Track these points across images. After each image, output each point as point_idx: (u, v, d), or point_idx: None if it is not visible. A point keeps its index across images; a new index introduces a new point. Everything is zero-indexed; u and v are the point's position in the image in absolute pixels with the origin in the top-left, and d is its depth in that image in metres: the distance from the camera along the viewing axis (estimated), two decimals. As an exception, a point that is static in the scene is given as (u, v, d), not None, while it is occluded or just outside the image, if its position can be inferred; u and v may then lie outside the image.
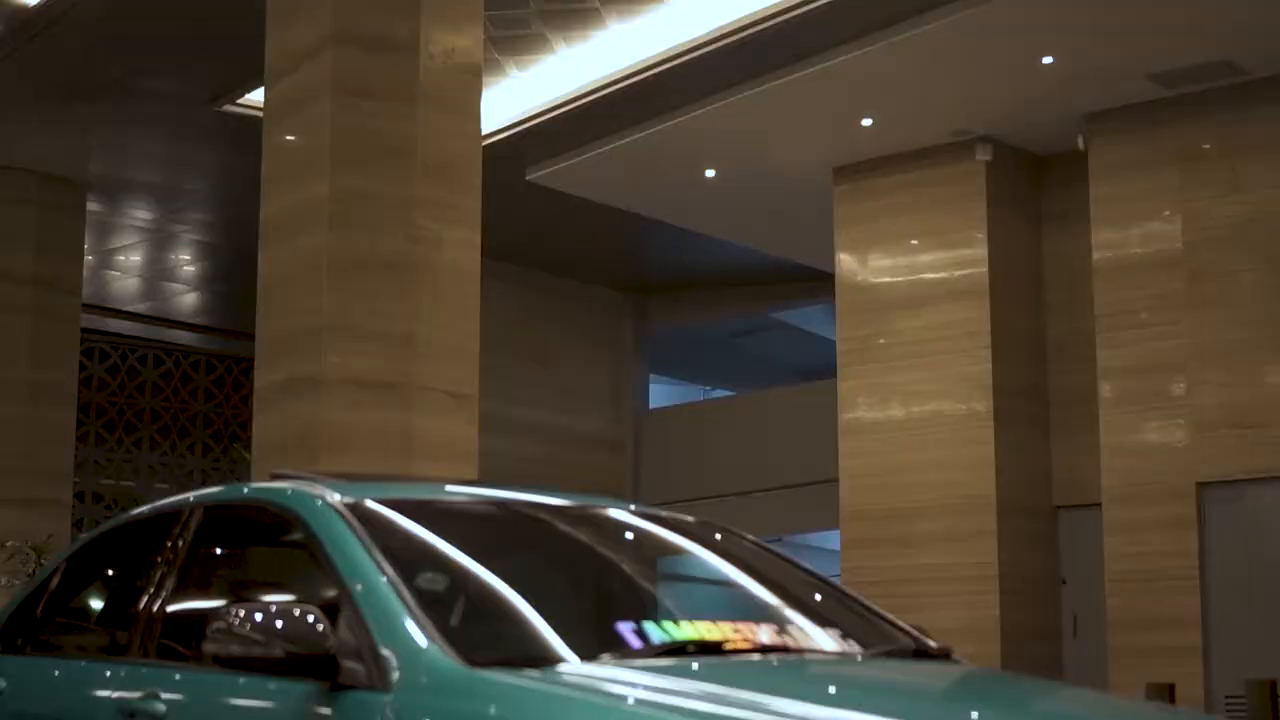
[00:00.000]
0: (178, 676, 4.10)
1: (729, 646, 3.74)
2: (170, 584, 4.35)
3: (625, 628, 3.76)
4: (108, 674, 4.34)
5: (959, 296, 16.64)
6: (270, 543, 4.55)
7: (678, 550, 4.49)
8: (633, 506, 4.69)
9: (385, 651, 3.46)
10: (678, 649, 3.66)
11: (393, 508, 4.08)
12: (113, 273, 24.05)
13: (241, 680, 3.73)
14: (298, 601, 3.63)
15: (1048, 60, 14.72)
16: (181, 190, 19.75)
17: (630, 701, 3.19)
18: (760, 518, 21.23)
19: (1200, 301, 15.01)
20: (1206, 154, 15.07)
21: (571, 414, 23.02)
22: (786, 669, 3.69)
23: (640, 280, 23.79)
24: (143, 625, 4.36)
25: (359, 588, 3.64)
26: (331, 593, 3.73)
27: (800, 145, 16.93)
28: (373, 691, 3.41)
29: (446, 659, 3.40)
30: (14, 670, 4.83)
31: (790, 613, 4.15)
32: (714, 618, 3.94)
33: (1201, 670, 14.30)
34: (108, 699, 4.23)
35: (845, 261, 17.52)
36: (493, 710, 3.23)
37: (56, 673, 4.73)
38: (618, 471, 23.71)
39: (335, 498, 4.07)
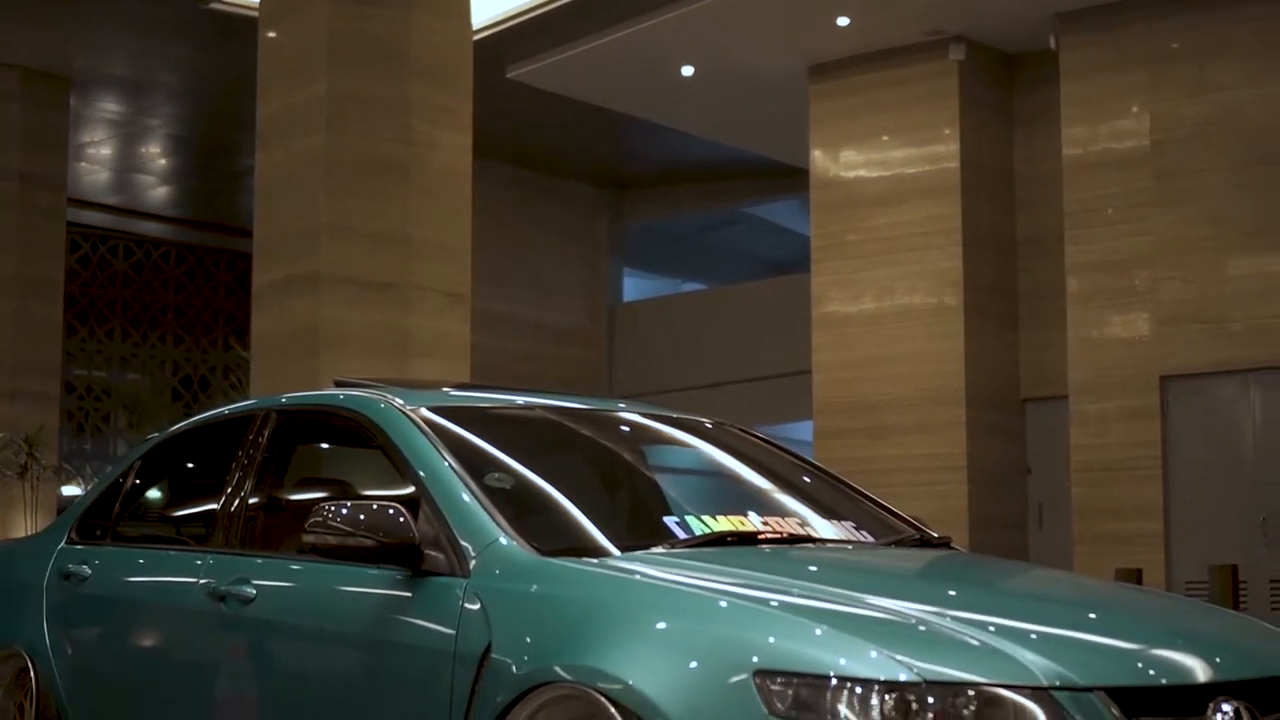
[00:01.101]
0: (265, 564, 4.52)
1: (761, 537, 4.21)
2: (249, 482, 4.75)
3: (670, 521, 4.23)
4: (196, 561, 4.76)
5: (931, 194, 17.03)
6: (343, 445, 4.98)
7: (710, 452, 4.92)
8: (670, 413, 5.12)
9: (464, 543, 3.90)
10: (717, 539, 4.11)
11: (454, 414, 4.50)
12: (84, 165, 24.18)
13: (328, 567, 4.16)
14: (385, 498, 4.05)
15: (1021, -38, 15.03)
16: (155, 84, 19.88)
17: (681, 582, 3.64)
18: (733, 409, 21.70)
19: (1167, 200, 15.43)
20: (1175, 54, 15.44)
21: (547, 308, 23.39)
22: (811, 556, 4.15)
23: (616, 176, 24.09)
24: (224, 519, 4.76)
25: (436, 487, 4.07)
26: (407, 490, 4.15)
27: (777, 44, 17.21)
28: (453, 577, 3.86)
29: (518, 548, 3.86)
30: (98, 558, 5.22)
31: (811, 508, 4.60)
32: (744, 512, 4.41)
33: (1163, 557, 14.90)
34: (196, 584, 4.64)
35: (819, 159, 17.87)
36: (562, 591, 3.68)
37: (142, 561, 5.13)
38: (593, 364, 24.15)
39: (405, 405, 4.48)
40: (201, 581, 4.62)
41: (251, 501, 4.75)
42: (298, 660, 4.26)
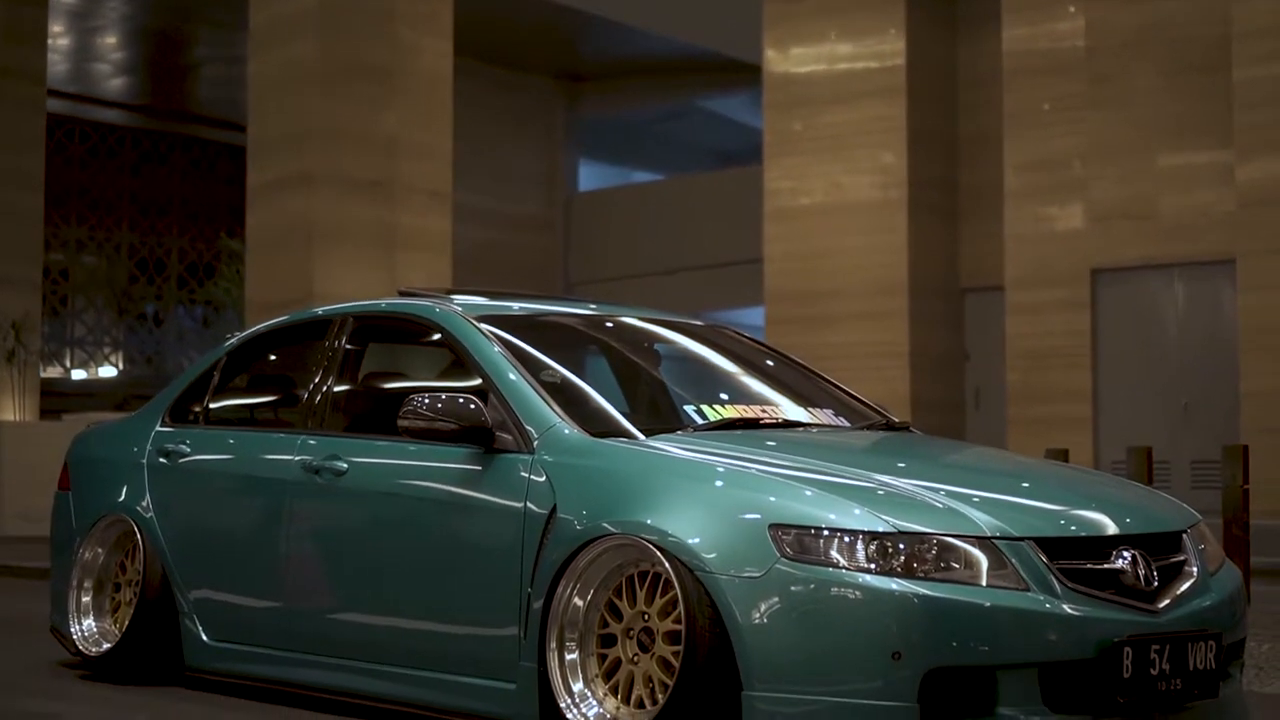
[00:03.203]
0: (354, 443, 5.42)
1: (762, 422, 5.20)
2: (333, 376, 5.64)
3: (689, 410, 5.20)
4: (289, 441, 5.63)
5: (878, 93, 17.85)
6: (414, 345, 5.91)
7: (716, 352, 5.86)
8: (681, 319, 6.06)
9: (529, 427, 4.83)
10: (727, 424, 5.09)
11: (506, 321, 5.40)
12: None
13: (412, 446, 5.09)
14: (458, 390, 4.99)
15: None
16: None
17: (704, 457, 4.62)
18: (684, 296, 22.64)
19: (1100, 102, 16.35)
20: (1111, -38, 16.25)
21: (506, 198, 24.14)
22: (803, 438, 5.12)
23: (573, 69, 24.77)
24: (311, 406, 5.65)
25: (502, 382, 4.99)
26: (474, 383, 5.07)
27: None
28: (519, 454, 4.80)
29: (574, 430, 4.80)
30: (195, 439, 6.09)
31: (799, 398, 5.56)
32: (747, 402, 5.41)
33: (1091, 438, 16.01)
34: (292, 460, 5.53)
35: (773, 59, 18.64)
36: (610, 464, 4.65)
37: (238, 440, 5.99)
38: (549, 252, 24.99)
39: (469, 312, 5.39)
40: (296, 458, 5.50)
41: (335, 391, 5.64)
42: (390, 521, 5.14)
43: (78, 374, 36.41)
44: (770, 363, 5.92)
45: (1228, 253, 15.04)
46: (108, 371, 36.80)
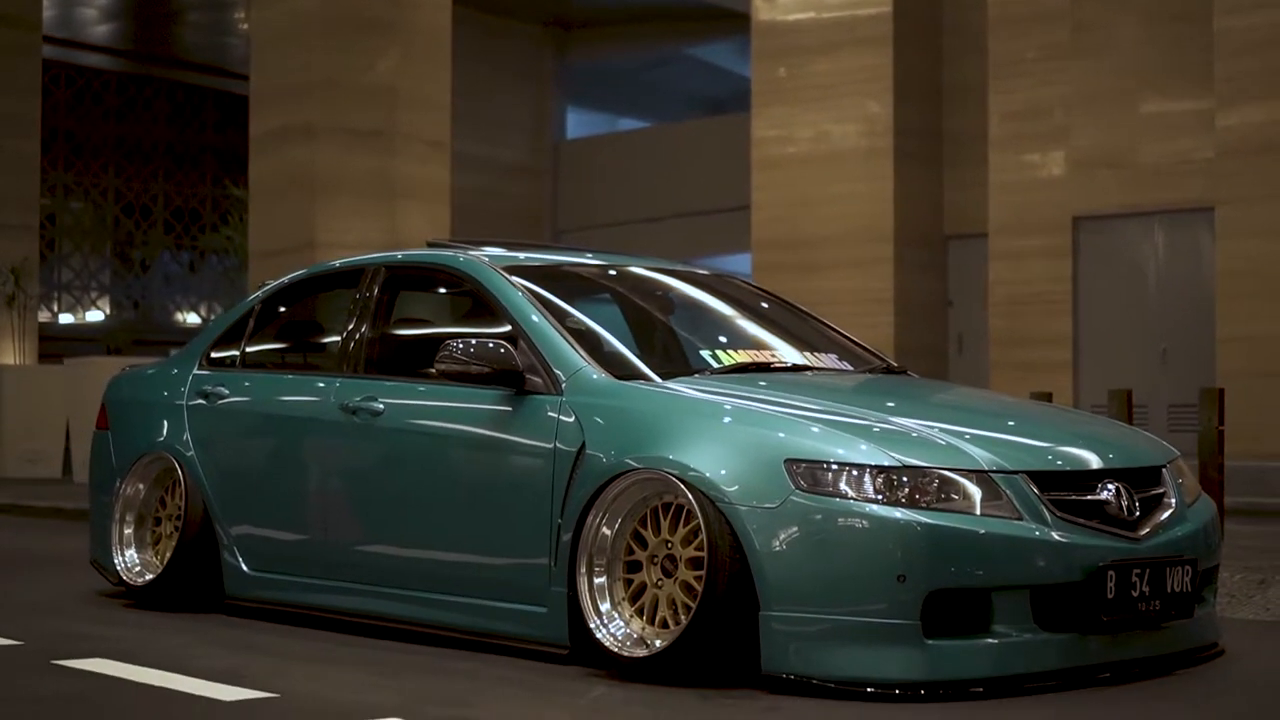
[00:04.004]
0: (389, 385, 5.75)
1: (772, 366, 5.57)
2: (366, 323, 5.97)
3: (705, 354, 5.57)
4: (325, 383, 5.97)
5: (865, 43, 18.09)
6: (444, 294, 6.26)
7: (728, 301, 6.22)
8: (692, 269, 6.42)
9: (557, 370, 5.19)
10: (740, 368, 5.46)
11: (530, 271, 5.75)
12: None
13: (446, 388, 5.44)
14: (489, 335, 5.35)
15: None
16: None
17: (720, 398, 4.99)
18: (672, 242, 22.96)
19: (1083, 52, 16.63)
20: (1095, -88, 16.52)
21: (495, 145, 24.37)
22: (811, 381, 5.49)
23: (562, 16, 24.97)
24: (346, 350, 5.99)
25: (530, 328, 5.34)
26: (503, 329, 5.43)
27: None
28: (548, 395, 5.16)
29: (598, 373, 5.16)
30: (233, 381, 6.40)
31: (805, 344, 5.92)
32: (758, 348, 5.78)
33: (1071, 383, 16.40)
34: (329, 401, 5.86)
35: (760, 7, 18.85)
36: (634, 405, 5.01)
37: (276, 382, 6.32)
38: (538, 199, 25.26)
39: (496, 263, 5.74)
40: (333, 399, 5.86)
41: (369, 336, 5.98)
42: (426, 458, 5.47)
43: (65, 318, 36.65)
44: (776, 310, 6.29)
45: (1207, 201, 15.37)
46: (95, 316, 37.05)
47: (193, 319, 38.27)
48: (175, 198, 38.26)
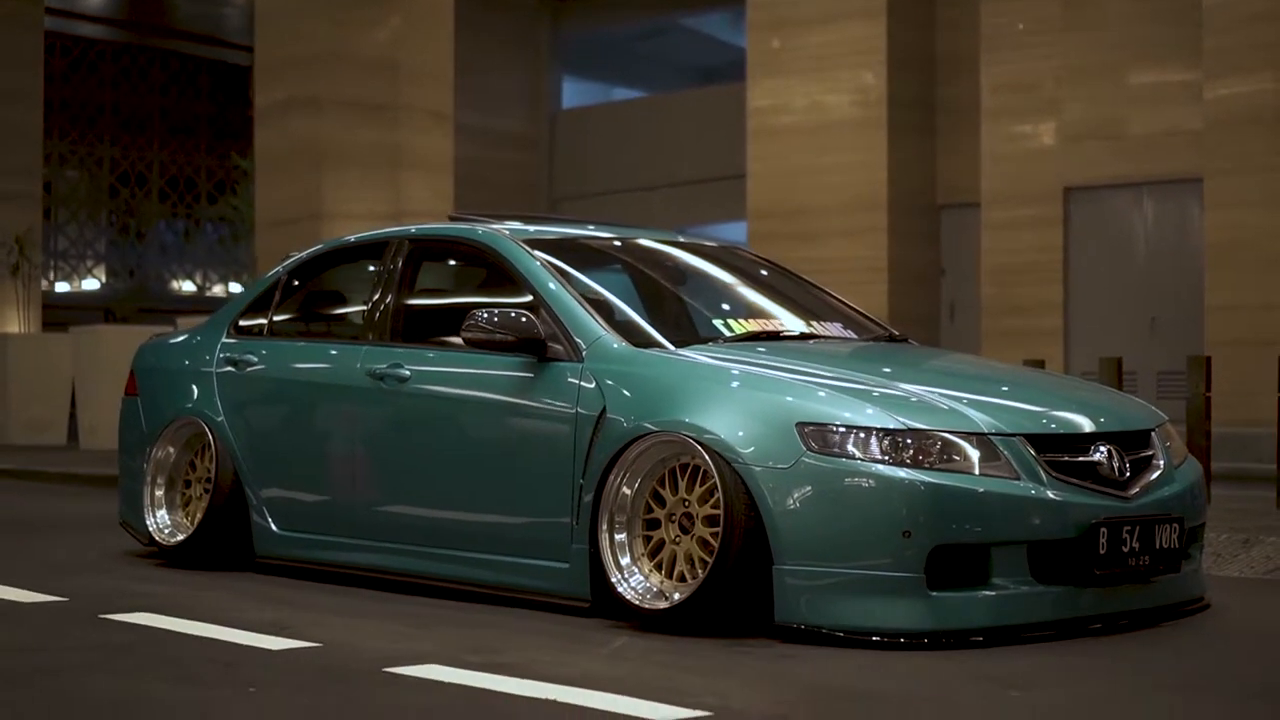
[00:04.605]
0: (415, 352, 6.01)
1: (781, 335, 5.86)
2: (391, 293, 6.23)
3: (718, 323, 5.85)
4: (352, 350, 6.22)
5: (859, 14, 18.30)
6: (466, 266, 6.53)
7: (738, 272, 6.50)
8: (701, 242, 6.71)
9: (577, 339, 5.46)
10: (751, 336, 5.74)
11: (549, 244, 6.01)
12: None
13: (470, 355, 5.71)
14: (512, 305, 5.62)
15: None
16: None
17: (734, 364, 5.26)
18: (667, 211, 23.23)
19: (1074, 24, 16.88)
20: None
21: (491, 115, 24.54)
22: (818, 349, 5.77)
23: (557, -14, 25.10)
24: (371, 319, 6.24)
25: (551, 298, 5.61)
26: (525, 299, 5.69)
27: None
28: (569, 362, 5.43)
29: (617, 341, 5.43)
30: (262, 349, 6.65)
31: (812, 314, 6.20)
32: (767, 318, 6.05)
33: (1061, 350, 16.70)
34: (357, 367, 6.12)
35: (757, -21, 19.07)
36: (652, 371, 5.29)
37: (303, 350, 6.57)
38: (535, 168, 25.46)
39: (517, 236, 6.00)
40: (360, 365, 6.12)
41: (394, 306, 6.23)
42: (451, 422, 5.74)
43: (61, 286, 36.85)
44: (782, 281, 6.57)
45: (1195, 172, 15.62)
46: (90, 284, 37.25)
47: (188, 287, 38.48)
48: (171, 167, 38.40)
